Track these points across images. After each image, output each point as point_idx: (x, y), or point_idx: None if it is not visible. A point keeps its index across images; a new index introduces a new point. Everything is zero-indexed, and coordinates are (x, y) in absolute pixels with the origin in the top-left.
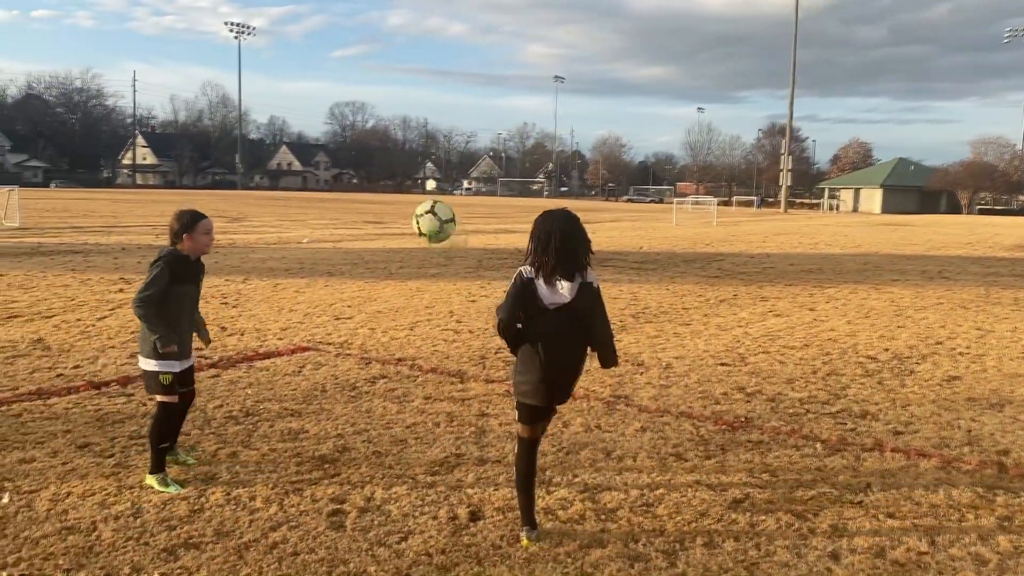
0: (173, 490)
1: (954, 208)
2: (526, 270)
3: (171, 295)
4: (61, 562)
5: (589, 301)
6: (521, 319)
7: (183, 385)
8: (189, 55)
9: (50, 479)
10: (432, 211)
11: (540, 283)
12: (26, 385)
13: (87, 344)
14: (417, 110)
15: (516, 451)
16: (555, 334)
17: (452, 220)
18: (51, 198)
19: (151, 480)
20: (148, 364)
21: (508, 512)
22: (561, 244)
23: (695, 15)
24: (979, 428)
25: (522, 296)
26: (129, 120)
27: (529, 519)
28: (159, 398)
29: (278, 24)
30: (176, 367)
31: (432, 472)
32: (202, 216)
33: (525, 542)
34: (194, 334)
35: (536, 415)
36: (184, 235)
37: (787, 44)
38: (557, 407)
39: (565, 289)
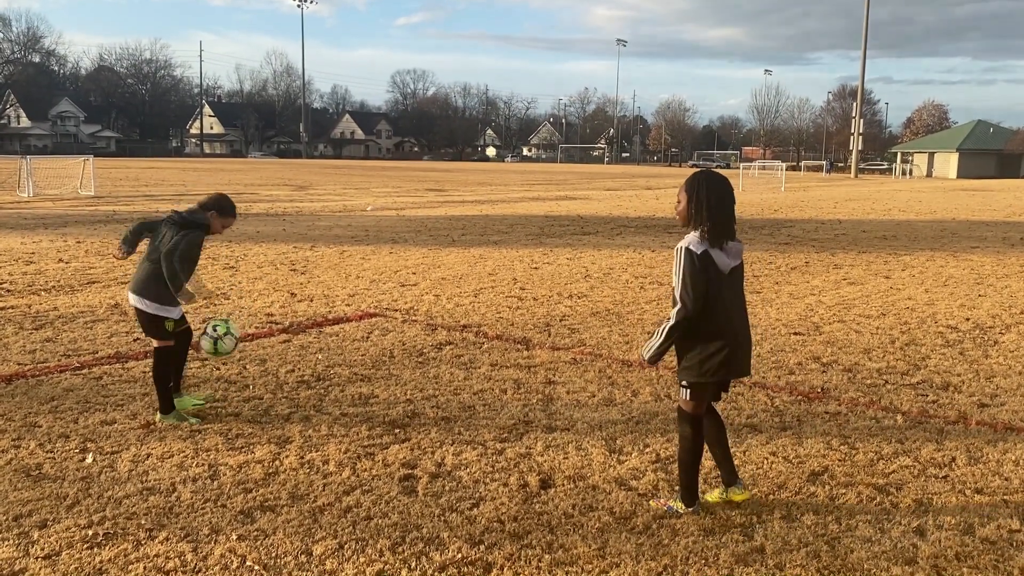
0: (194, 422)
1: None
2: (693, 244)
3: (196, 256)
4: (143, 522)
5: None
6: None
7: (179, 327)
8: (254, 24)
9: (131, 440)
10: (230, 333)
11: (714, 251)
12: (105, 349)
13: None
14: (478, 77)
15: (682, 431)
16: (733, 298)
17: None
18: (124, 167)
19: (169, 419)
20: (152, 308)
21: (579, 481)
22: (730, 205)
23: None
24: None
25: (705, 273)
26: (196, 90)
27: (694, 496)
28: (157, 343)
29: None
30: (176, 314)
31: (501, 439)
32: (235, 214)
33: (682, 510)
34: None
35: (717, 390)
36: (226, 217)
37: (861, 2)
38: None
39: (734, 250)
